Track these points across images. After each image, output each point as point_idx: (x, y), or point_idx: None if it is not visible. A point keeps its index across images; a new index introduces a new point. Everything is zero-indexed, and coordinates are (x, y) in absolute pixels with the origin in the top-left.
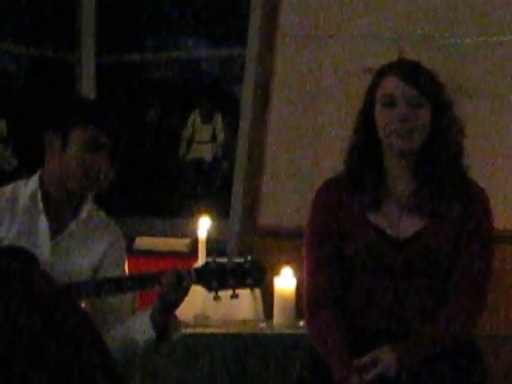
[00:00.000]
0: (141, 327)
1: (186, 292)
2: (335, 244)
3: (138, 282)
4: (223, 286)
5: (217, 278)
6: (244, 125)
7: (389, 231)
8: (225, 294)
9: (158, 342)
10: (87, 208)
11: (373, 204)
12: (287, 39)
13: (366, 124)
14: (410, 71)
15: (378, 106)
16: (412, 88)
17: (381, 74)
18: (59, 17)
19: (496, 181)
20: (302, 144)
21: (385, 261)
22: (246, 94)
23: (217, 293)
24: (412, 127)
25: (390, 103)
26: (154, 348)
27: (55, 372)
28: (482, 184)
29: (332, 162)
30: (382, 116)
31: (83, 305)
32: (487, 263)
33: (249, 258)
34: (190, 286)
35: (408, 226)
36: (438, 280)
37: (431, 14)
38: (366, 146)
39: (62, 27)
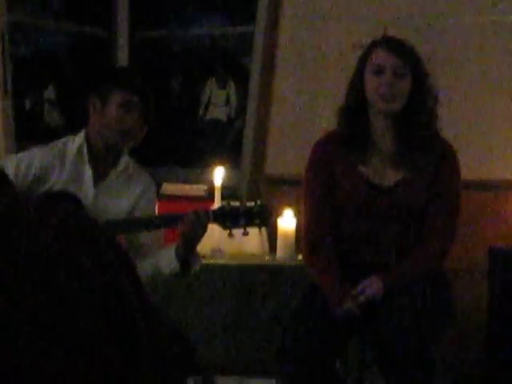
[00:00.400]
0: (167, 260)
1: (204, 230)
2: (328, 191)
3: (164, 220)
4: (236, 224)
5: (230, 218)
6: (253, 90)
7: (375, 180)
8: (237, 231)
9: (180, 273)
10: (124, 160)
11: (361, 157)
12: (290, 18)
13: (356, 89)
14: (396, 45)
15: (367, 74)
16: (397, 59)
17: (371, 46)
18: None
19: (464, 138)
20: (302, 106)
21: (371, 205)
22: (255, 64)
23: (230, 230)
24: (396, 92)
25: (379, 71)
26: (178, 277)
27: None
28: (453, 141)
29: (328, 121)
30: (371, 82)
31: (121, 240)
32: (456, 206)
33: (258, 202)
34: (207, 224)
35: (391, 176)
36: (415, 220)
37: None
38: (355, 107)
39: (100, 7)
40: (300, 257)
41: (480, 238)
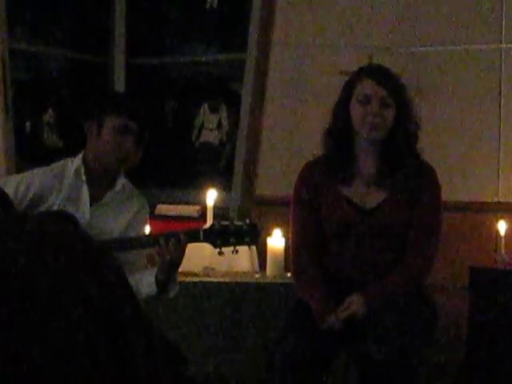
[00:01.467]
0: (146, 282)
1: (179, 251)
2: (314, 213)
3: (138, 243)
4: (226, 243)
5: (221, 237)
6: (244, 115)
7: (358, 202)
8: (227, 250)
9: (157, 296)
10: (121, 182)
11: (344, 180)
12: (280, 46)
13: (341, 114)
14: (382, 76)
15: (354, 102)
16: (384, 90)
17: (358, 75)
18: (95, 26)
19: (445, 162)
20: (291, 130)
21: (354, 226)
22: (246, 89)
23: (221, 249)
24: (381, 122)
25: (365, 101)
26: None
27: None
28: (434, 164)
29: (317, 145)
30: (358, 111)
31: None
32: (437, 227)
33: (247, 221)
34: (182, 246)
35: (373, 198)
36: (397, 240)
37: (396, 26)
38: (340, 132)
39: (97, 35)
40: (289, 274)
41: (461, 258)
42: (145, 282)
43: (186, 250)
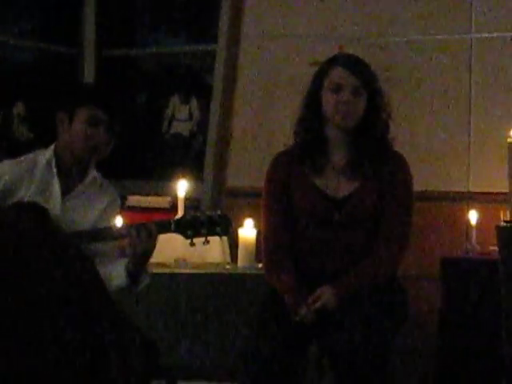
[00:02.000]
0: (116, 273)
1: (149, 243)
2: (285, 204)
3: (110, 234)
4: (197, 234)
5: (192, 227)
6: (214, 106)
7: (329, 192)
8: (199, 240)
9: (128, 288)
10: (92, 174)
11: (315, 170)
12: (250, 37)
13: (312, 103)
14: (354, 64)
15: (325, 91)
16: (356, 79)
17: (330, 64)
18: (65, 16)
19: (416, 152)
20: (262, 121)
21: (326, 216)
22: (217, 80)
23: (192, 240)
24: (353, 110)
25: (337, 89)
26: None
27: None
28: (405, 154)
29: (285, 137)
30: (329, 99)
31: None
32: (408, 215)
33: (218, 211)
34: (154, 236)
35: (344, 187)
36: (368, 229)
37: (366, 17)
38: (310, 120)
39: (67, 26)
40: (260, 265)
41: (433, 248)
42: (115, 273)
43: (158, 242)
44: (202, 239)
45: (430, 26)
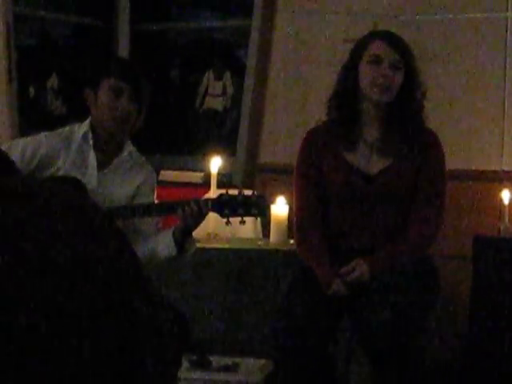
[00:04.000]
0: (164, 244)
1: (203, 218)
2: (317, 180)
3: (164, 208)
4: (234, 213)
5: (228, 207)
6: (248, 81)
7: (361, 168)
8: (234, 219)
9: (176, 257)
10: (128, 148)
11: (348, 145)
12: (285, 12)
13: (348, 76)
14: (394, 39)
15: (364, 63)
16: (395, 52)
17: (369, 37)
18: None
19: (449, 131)
20: (295, 97)
21: (357, 191)
22: (251, 56)
23: (228, 219)
24: (390, 84)
25: (376, 61)
26: (174, 260)
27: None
28: (438, 133)
29: (321, 112)
30: (367, 71)
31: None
32: (441, 193)
33: (255, 192)
34: (207, 213)
35: (377, 164)
36: (401, 207)
37: None
38: (345, 95)
39: (102, 0)
40: (292, 241)
41: (466, 227)
42: (162, 243)
43: None
44: (238, 218)
45: (465, 4)
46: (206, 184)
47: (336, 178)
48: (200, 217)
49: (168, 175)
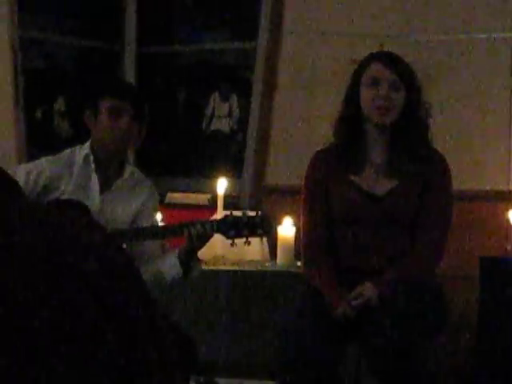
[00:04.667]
0: (169, 265)
1: (208, 239)
2: (324, 202)
3: (172, 230)
4: (239, 235)
5: (233, 228)
6: (255, 103)
7: (368, 190)
8: (239, 241)
9: (182, 278)
10: (129, 169)
11: (354, 168)
12: (291, 35)
13: (351, 100)
14: (392, 60)
15: (363, 86)
16: (393, 73)
17: (368, 60)
18: (106, 14)
19: (456, 151)
20: (301, 120)
21: (364, 213)
22: (257, 78)
23: (233, 240)
24: (390, 105)
25: (374, 84)
26: (179, 281)
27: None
28: (445, 153)
29: (327, 133)
30: (367, 94)
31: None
32: (448, 216)
33: (259, 212)
34: (212, 235)
35: (383, 185)
36: (407, 228)
37: (407, 15)
38: (350, 118)
39: (109, 24)
40: (299, 263)
41: (472, 248)
42: (167, 265)
43: None
44: (243, 239)
45: (471, 25)
46: (212, 206)
47: (343, 200)
48: (205, 238)
49: (174, 197)
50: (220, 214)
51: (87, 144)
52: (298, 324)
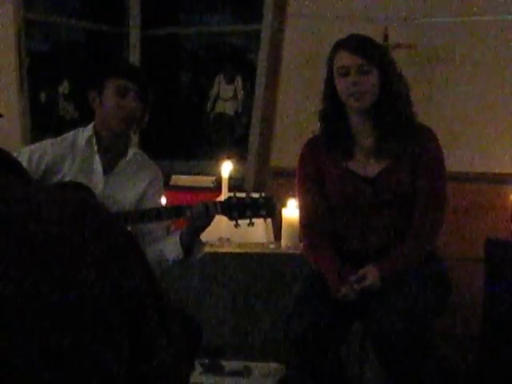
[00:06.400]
0: (172, 247)
1: (210, 220)
2: (319, 186)
3: (173, 212)
4: (242, 216)
5: (237, 209)
6: (259, 85)
7: (360, 173)
8: (243, 222)
9: (183, 260)
10: (132, 151)
11: (345, 154)
12: (295, 17)
13: (330, 90)
14: (357, 45)
15: (335, 76)
16: (359, 58)
17: (334, 49)
18: None
19: (461, 133)
20: (305, 101)
21: (358, 195)
22: (262, 60)
23: (237, 221)
24: (363, 90)
25: (345, 73)
26: (181, 263)
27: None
28: (451, 136)
29: None
30: (339, 83)
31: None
32: (442, 187)
33: (263, 194)
34: (214, 216)
35: (374, 167)
36: (402, 207)
37: None
38: (332, 108)
39: (113, 6)
40: None
41: (477, 230)
42: (170, 246)
43: None
44: (247, 221)
45: (477, 7)
46: (217, 188)
47: (337, 185)
48: (208, 219)
49: (179, 180)
50: (225, 196)
51: (90, 126)
52: (301, 306)
